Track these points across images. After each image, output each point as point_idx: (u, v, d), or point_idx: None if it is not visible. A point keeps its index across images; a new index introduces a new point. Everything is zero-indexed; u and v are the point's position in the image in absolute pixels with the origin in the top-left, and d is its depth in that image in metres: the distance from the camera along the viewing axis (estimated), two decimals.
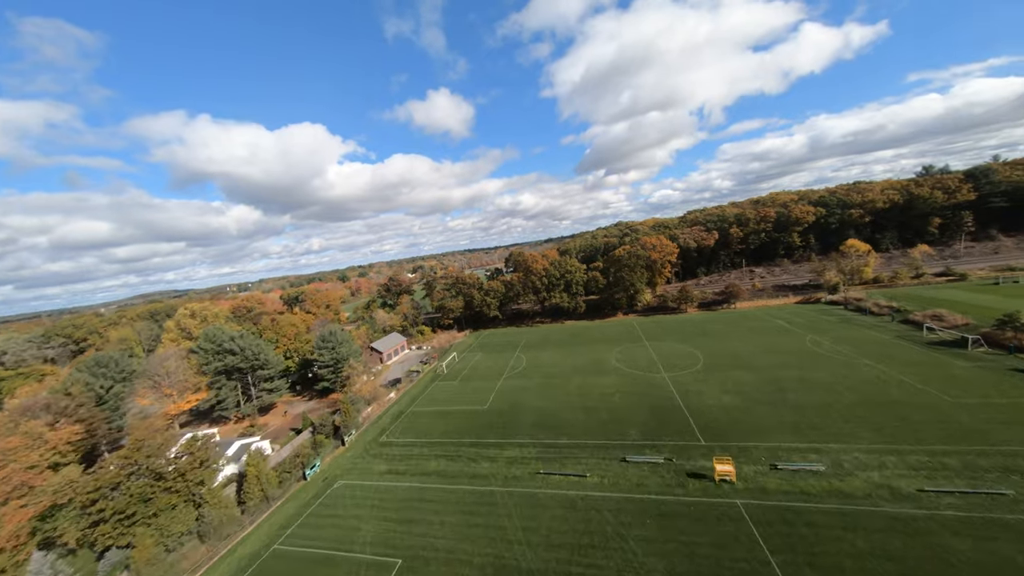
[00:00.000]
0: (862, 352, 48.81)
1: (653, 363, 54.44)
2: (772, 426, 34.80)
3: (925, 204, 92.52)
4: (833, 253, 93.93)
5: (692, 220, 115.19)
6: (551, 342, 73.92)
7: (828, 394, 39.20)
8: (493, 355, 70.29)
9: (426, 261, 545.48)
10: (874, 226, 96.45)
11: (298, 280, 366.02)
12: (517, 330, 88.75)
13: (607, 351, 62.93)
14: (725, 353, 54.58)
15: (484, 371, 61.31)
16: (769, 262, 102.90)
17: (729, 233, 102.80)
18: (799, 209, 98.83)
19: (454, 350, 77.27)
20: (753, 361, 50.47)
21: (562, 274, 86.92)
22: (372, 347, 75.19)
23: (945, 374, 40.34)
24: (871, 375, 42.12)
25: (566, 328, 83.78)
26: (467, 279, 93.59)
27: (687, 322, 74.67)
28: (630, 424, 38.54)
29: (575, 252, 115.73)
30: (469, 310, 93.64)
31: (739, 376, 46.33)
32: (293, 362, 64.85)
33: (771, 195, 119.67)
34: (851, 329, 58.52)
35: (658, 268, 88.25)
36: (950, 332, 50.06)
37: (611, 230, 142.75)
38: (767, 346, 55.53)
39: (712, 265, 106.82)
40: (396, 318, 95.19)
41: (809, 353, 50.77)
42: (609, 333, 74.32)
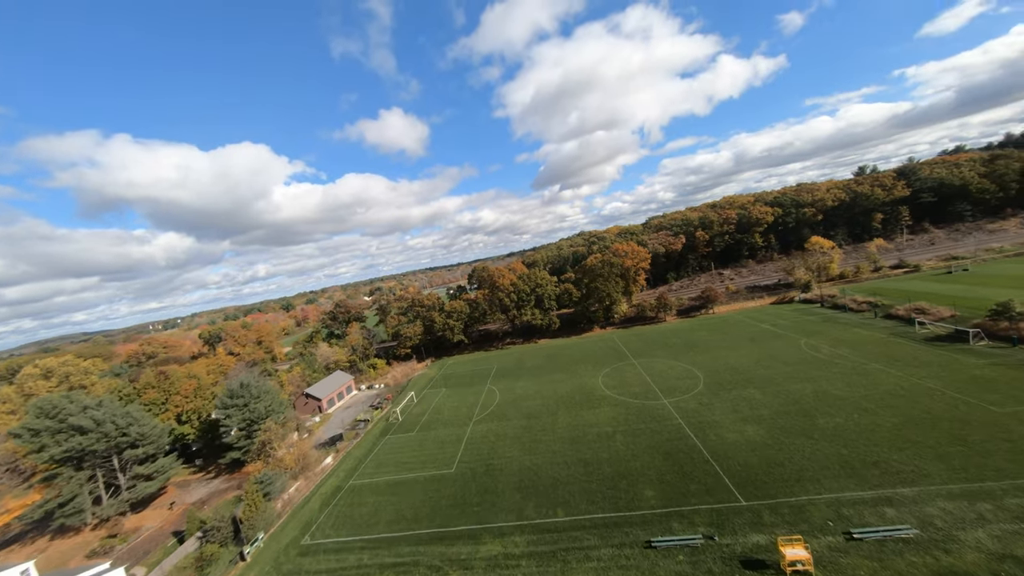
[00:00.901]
0: (865, 355, 44.55)
1: (648, 387, 46.60)
2: (819, 467, 27.51)
3: (868, 201, 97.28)
4: (795, 252, 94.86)
5: (657, 225, 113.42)
6: (526, 367, 64.17)
7: (860, 413, 33.18)
8: (459, 390, 58.96)
9: (385, 282, 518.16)
10: (826, 224, 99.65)
11: (237, 312, 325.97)
12: (486, 355, 78.06)
13: (592, 374, 54.44)
14: (723, 368, 48.27)
15: (449, 414, 49.87)
16: (735, 263, 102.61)
17: (695, 237, 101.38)
18: (758, 210, 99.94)
19: (412, 387, 64.75)
20: (756, 375, 44.36)
21: (532, 288, 78.42)
22: (308, 393, 60.57)
23: (968, 376, 36.25)
24: (892, 384, 37.10)
25: (541, 348, 74.69)
26: (425, 300, 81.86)
27: (670, 333, 68.85)
28: (643, 480, 29.54)
29: (543, 263, 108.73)
30: (430, 335, 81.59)
31: (750, 396, 39.61)
32: (192, 427, 48.89)
33: (728, 198, 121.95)
34: (840, 329, 55.28)
35: (632, 276, 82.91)
36: (941, 326, 47.76)
37: (577, 240, 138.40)
38: (763, 355, 50.17)
39: (681, 270, 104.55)
40: (342, 352, 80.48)
41: (812, 361, 45.73)
42: (590, 351, 66.25)
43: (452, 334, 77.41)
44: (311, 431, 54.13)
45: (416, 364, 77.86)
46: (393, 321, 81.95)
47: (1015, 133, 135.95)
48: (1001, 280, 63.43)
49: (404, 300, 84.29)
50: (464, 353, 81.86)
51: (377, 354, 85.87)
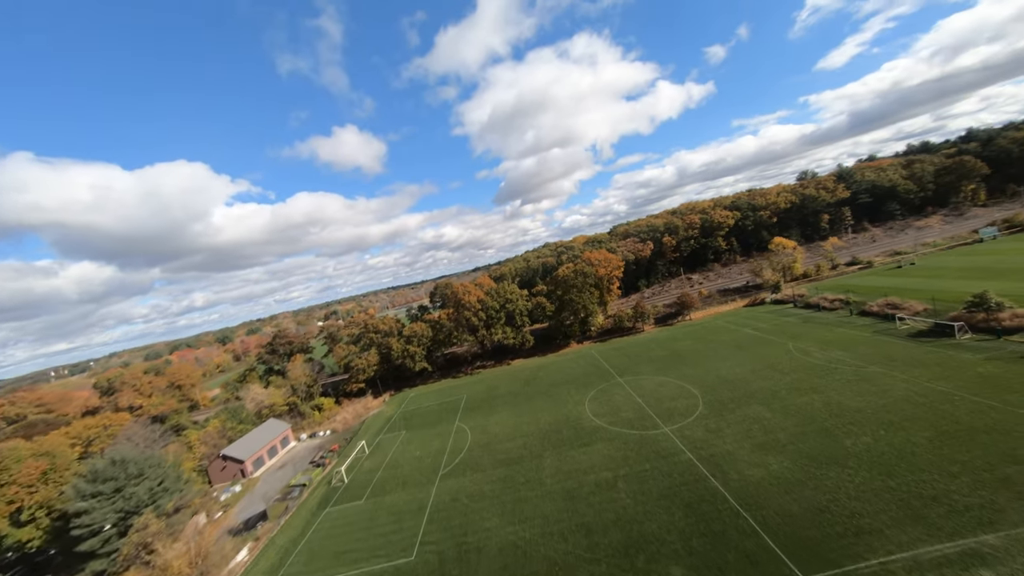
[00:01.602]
0: (860, 357, 41.92)
1: (642, 412, 40.46)
2: (873, 510, 22.20)
3: (815, 203, 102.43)
4: (756, 253, 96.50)
5: (624, 233, 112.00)
6: (501, 396, 55.98)
7: (885, 429, 29.01)
8: (423, 432, 49.32)
9: (343, 305, 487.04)
10: (780, 225, 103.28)
11: (168, 347, 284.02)
12: (454, 383, 68.72)
13: (577, 400, 47.59)
14: (718, 382, 43.58)
15: (409, 468, 40.26)
16: (703, 268, 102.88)
17: (663, 242, 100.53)
18: (719, 214, 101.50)
19: (366, 431, 53.93)
20: (756, 388, 39.94)
21: (502, 304, 71.07)
22: (226, 455, 47.69)
23: (973, 375, 33.89)
24: (902, 389, 33.85)
25: (516, 371, 66.92)
26: (380, 325, 71.30)
27: (652, 344, 64.32)
28: (665, 552, 22.56)
29: (512, 277, 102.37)
30: (387, 365, 70.84)
31: (758, 416, 34.66)
32: (38, 529, 34.85)
33: (688, 204, 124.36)
34: (822, 329, 53.48)
35: (606, 285, 78.57)
36: (921, 320, 46.94)
37: (544, 251, 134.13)
38: (756, 364, 46.39)
39: (652, 276, 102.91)
40: (279, 393, 67.18)
41: (808, 368, 42.33)
42: (570, 371, 59.63)
43: (413, 362, 67.43)
44: (227, 508, 41.66)
45: (371, 401, 66.63)
46: (341, 351, 70.18)
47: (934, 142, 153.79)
48: (948, 272, 66.44)
49: (355, 326, 73.02)
50: (429, 383, 71.84)
51: (325, 391, 73.26)
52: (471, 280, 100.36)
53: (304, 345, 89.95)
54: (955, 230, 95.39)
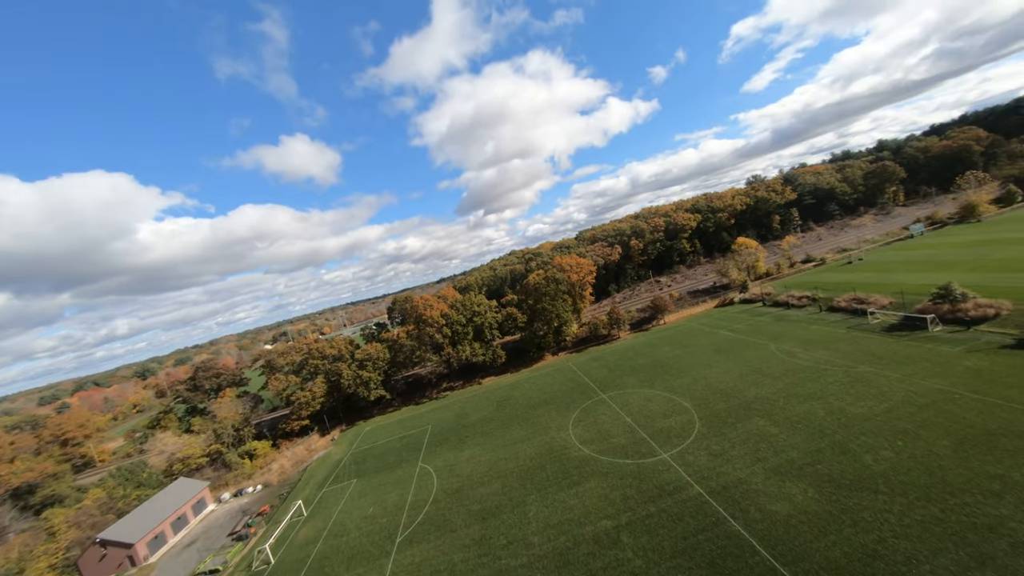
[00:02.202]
0: (846, 356, 40.41)
1: (635, 434, 35.58)
2: (929, 550, 18.36)
3: (767, 204, 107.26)
4: (718, 254, 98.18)
5: (591, 237, 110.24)
6: (472, 424, 48.86)
7: (902, 439, 26.18)
8: (378, 479, 40.87)
9: (295, 324, 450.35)
10: (738, 226, 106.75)
11: (74, 386, 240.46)
12: (417, 411, 60.29)
13: (559, 423, 41.88)
14: (709, 392, 40.06)
15: (357, 537, 31.92)
16: (669, 270, 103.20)
17: (630, 246, 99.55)
18: (681, 216, 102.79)
19: (306, 484, 44.22)
20: (751, 397, 36.73)
21: (469, 318, 64.25)
22: (104, 540, 35.90)
23: (963, 369, 32.76)
24: (901, 391, 31.87)
25: (488, 392, 60.03)
26: (327, 349, 61.28)
27: (631, 352, 60.66)
28: None
29: (478, 287, 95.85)
30: (337, 395, 60.88)
31: (762, 431, 31.01)
32: None
33: (649, 208, 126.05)
34: (798, 328, 52.64)
35: (579, 292, 74.63)
36: (892, 314, 47.14)
37: (511, 258, 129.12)
38: (743, 369, 43.71)
39: (621, 280, 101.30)
40: (199, 441, 54.78)
41: (798, 370, 40.09)
42: (549, 389, 53.97)
43: (367, 390, 58.24)
44: None
45: (317, 440, 56.36)
46: (278, 384, 58.98)
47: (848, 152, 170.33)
48: (894, 266, 70.09)
49: (296, 351, 62.19)
50: (387, 413, 62.69)
51: (260, 433, 61.45)
52: (436, 292, 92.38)
53: (236, 376, 76.50)
54: (886, 227, 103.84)
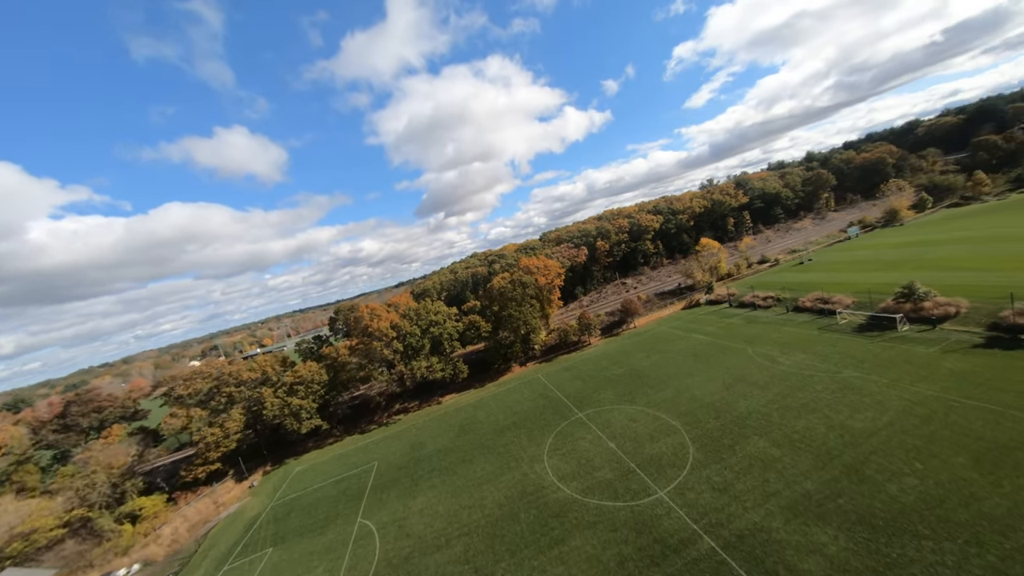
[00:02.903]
0: (826, 360, 38.57)
1: (622, 465, 30.19)
2: None
3: (722, 207, 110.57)
4: (679, 256, 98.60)
5: (556, 239, 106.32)
6: (427, 458, 40.89)
7: (921, 461, 23.13)
8: (302, 547, 31.58)
9: (231, 336, 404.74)
10: (697, 228, 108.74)
11: None
12: (361, 442, 50.73)
13: (532, 453, 35.55)
14: (696, 407, 36.07)
15: None
16: (634, 272, 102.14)
17: (596, 247, 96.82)
18: (644, 218, 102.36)
19: (204, 558, 33.51)
20: (741, 411, 33.14)
21: (425, 328, 55.98)
22: None
23: (947, 372, 31.43)
24: (896, 400, 29.62)
25: (448, 415, 52.13)
26: (243, 374, 49.62)
27: (605, 361, 56.20)
28: None
29: (437, 292, 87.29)
30: (259, 427, 49.55)
31: (764, 454, 27.04)
32: None
33: (611, 210, 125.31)
34: (770, 329, 51.34)
35: (546, 296, 69.39)
36: (858, 314, 46.94)
37: (473, 261, 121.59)
38: (724, 376, 40.61)
39: (588, 283, 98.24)
40: (54, 505, 40.87)
41: (782, 377, 37.48)
42: (517, 407, 47.49)
43: (298, 421, 47.74)
44: None
45: (230, 489, 44.91)
46: (175, 421, 45.99)
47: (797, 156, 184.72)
48: (842, 266, 73.17)
49: (203, 378, 49.44)
50: (325, 445, 52.35)
51: (153, 483, 48.27)
52: (394, 296, 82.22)
53: (128, 409, 61.02)
54: (824, 229, 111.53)
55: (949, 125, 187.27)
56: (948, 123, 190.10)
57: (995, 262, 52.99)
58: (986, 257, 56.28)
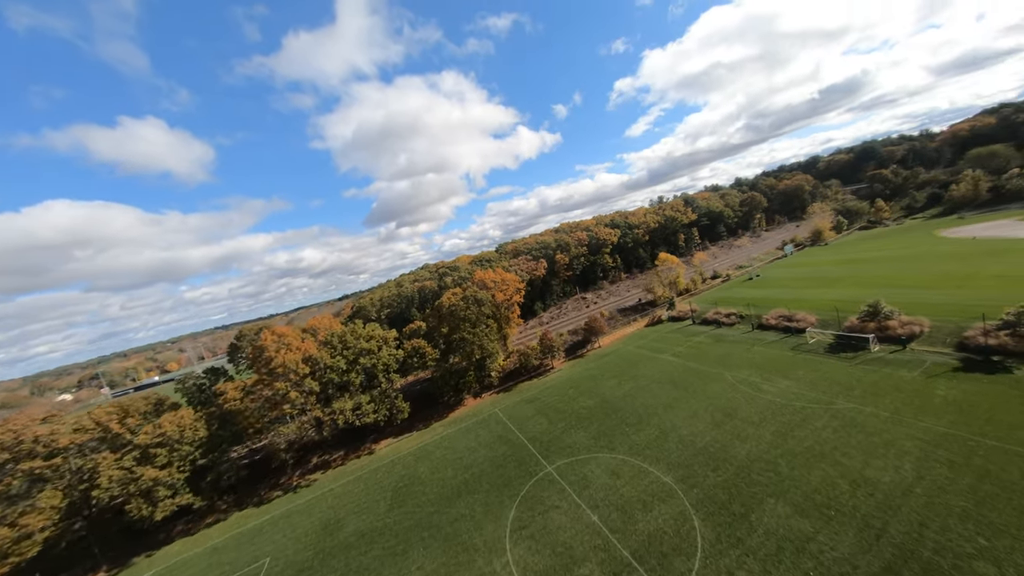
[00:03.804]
0: (813, 387, 35.12)
1: (613, 556, 22.34)
2: None
3: (674, 224, 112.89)
4: (636, 270, 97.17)
5: (513, 251, 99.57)
6: (341, 552, 29.43)
7: (984, 534, 18.41)
8: None
9: (129, 359, 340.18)
10: (651, 243, 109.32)
11: None
12: (250, 522, 37.08)
13: (490, 536, 26.32)
14: (686, 451, 29.93)
15: None
16: (594, 286, 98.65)
17: (555, 260, 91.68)
18: (603, 231, 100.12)
19: None
20: (740, 458, 27.51)
21: (354, 359, 44.27)
22: None
23: (943, 402, 28.77)
24: (911, 441, 25.82)
25: (379, 472, 40.49)
26: (61, 439, 33.60)
27: (571, 388, 49.10)
28: None
29: (377, 310, 74.67)
30: (90, 513, 33.72)
31: (792, 531, 21.03)
32: None
33: (567, 224, 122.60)
34: (740, 349, 48.33)
35: (504, 314, 61.33)
36: (827, 333, 45.42)
37: (423, 273, 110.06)
38: (709, 408, 35.47)
39: (547, 298, 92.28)
40: None
41: (771, 409, 33.05)
42: (470, 458, 37.84)
43: (150, 504, 33.07)
44: None
45: None
46: None
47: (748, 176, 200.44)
48: (790, 282, 75.39)
49: None
50: (200, 529, 37.55)
51: None
52: (315, 318, 67.86)
53: None
54: (761, 247, 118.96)
55: (843, 161, 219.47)
56: (842, 159, 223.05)
57: (926, 280, 56.09)
58: (916, 275, 59.87)
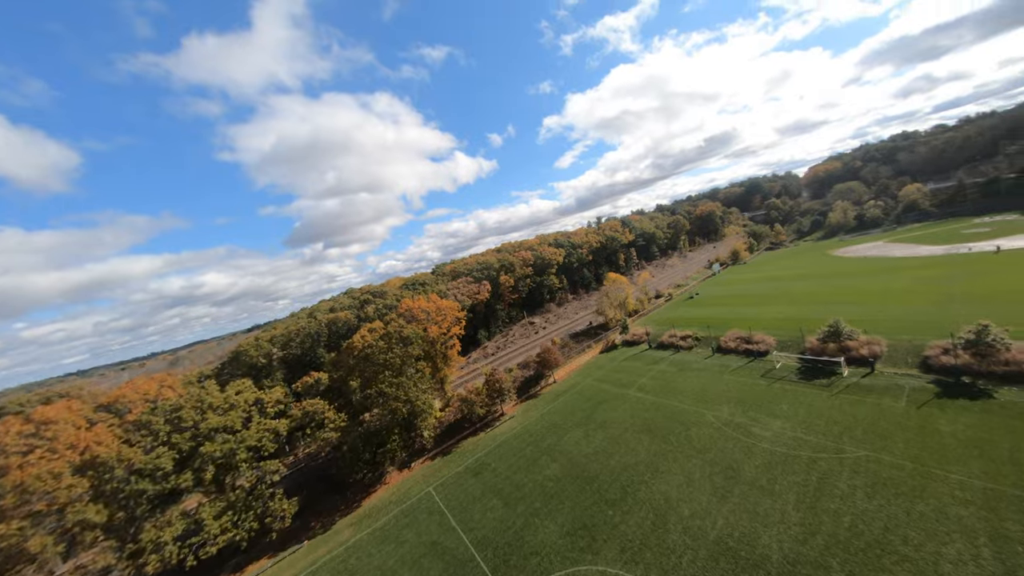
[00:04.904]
0: (809, 429, 30.02)
1: None
2: None
3: (615, 243, 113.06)
4: (581, 290, 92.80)
5: (452, 272, 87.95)
6: None
7: None
8: None
9: None
10: (594, 263, 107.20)
11: None
12: None
13: None
14: (697, 551, 21.46)
15: None
16: (541, 309, 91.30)
17: (500, 282, 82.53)
18: (548, 250, 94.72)
19: None
20: (775, 560, 19.79)
21: (191, 450, 27.89)
22: None
23: (959, 445, 24.92)
24: (960, 502, 20.67)
25: None
26: None
27: (529, 445, 38.62)
28: None
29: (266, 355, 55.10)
30: None
31: None
32: None
33: (509, 243, 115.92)
34: (706, 379, 43.39)
35: (441, 351, 49.25)
36: (793, 356, 42.58)
37: (343, 299, 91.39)
38: (709, 473, 28.03)
39: (492, 324, 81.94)
40: None
41: (779, 467, 26.71)
42: None
43: None
44: None
45: None
46: None
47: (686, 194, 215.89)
48: (728, 299, 76.51)
49: None
50: None
51: None
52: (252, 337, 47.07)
53: None
54: (690, 266, 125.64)
55: (737, 193, 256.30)
56: (736, 191, 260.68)
57: (848, 296, 58.98)
58: (835, 291, 63.35)
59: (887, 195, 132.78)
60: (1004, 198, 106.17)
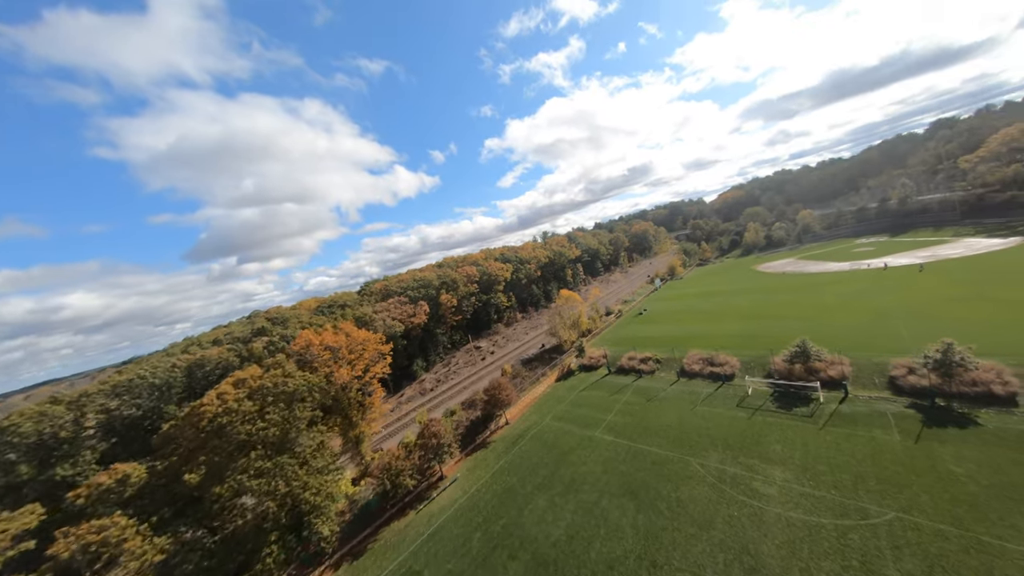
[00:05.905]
0: (817, 483, 25.08)
1: None
2: None
3: (562, 259, 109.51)
4: (531, 308, 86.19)
5: (382, 291, 74.42)
6: None
7: None
8: None
9: None
10: (543, 279, 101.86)
11: None
12: None
13: None
14: None
15: None
16: (487, 331, 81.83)
17: (440, 302, 71.49)
18: (494, 265, 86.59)
19: None
20: None
21: None
22: None
23: (983, 488, 21.37)
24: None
25: None
26: None
27: (477, 530, 28.33)
28: None
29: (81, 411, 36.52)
30: None
31: None
32: None
33: (452, 258, 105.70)
34: (679, 411, 38.01)
35: (354, 400, 36.86)
36: (763, 382, 39.17)
37: (236, 327, 71.85)
38: (723, 562, 21.01)
39: (430, 352, 69.98)
40: None
41: (798, 539, 20.76)
42: None
43: None
44: None
45: None
46: None
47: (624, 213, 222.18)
48: (677, 315, 75.24)
49: None
50: None
51: None
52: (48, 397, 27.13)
53: None
54: (633, 281, 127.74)
55: (662, 215, 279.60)
56: (661, 213, 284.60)
57: (788, 311, 60.15)
58: (774, 305, 64.87)
59: (787, 219, 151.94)
60: (872, 222, 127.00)
